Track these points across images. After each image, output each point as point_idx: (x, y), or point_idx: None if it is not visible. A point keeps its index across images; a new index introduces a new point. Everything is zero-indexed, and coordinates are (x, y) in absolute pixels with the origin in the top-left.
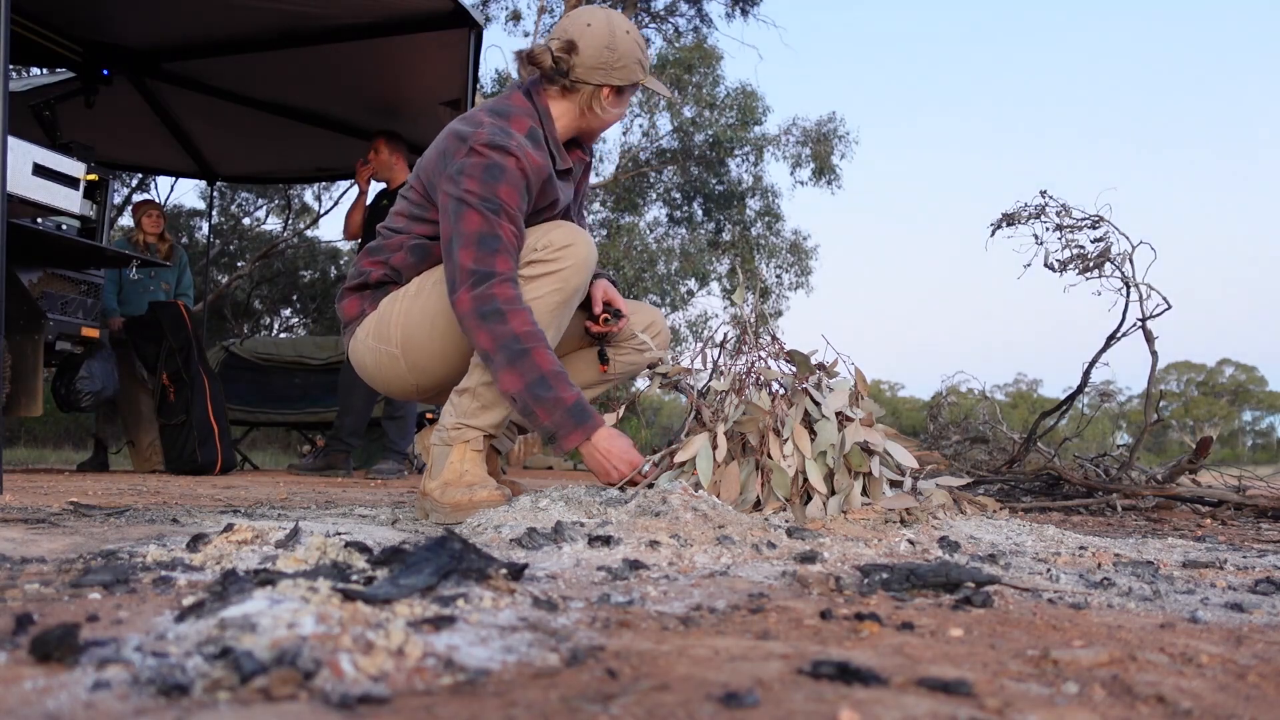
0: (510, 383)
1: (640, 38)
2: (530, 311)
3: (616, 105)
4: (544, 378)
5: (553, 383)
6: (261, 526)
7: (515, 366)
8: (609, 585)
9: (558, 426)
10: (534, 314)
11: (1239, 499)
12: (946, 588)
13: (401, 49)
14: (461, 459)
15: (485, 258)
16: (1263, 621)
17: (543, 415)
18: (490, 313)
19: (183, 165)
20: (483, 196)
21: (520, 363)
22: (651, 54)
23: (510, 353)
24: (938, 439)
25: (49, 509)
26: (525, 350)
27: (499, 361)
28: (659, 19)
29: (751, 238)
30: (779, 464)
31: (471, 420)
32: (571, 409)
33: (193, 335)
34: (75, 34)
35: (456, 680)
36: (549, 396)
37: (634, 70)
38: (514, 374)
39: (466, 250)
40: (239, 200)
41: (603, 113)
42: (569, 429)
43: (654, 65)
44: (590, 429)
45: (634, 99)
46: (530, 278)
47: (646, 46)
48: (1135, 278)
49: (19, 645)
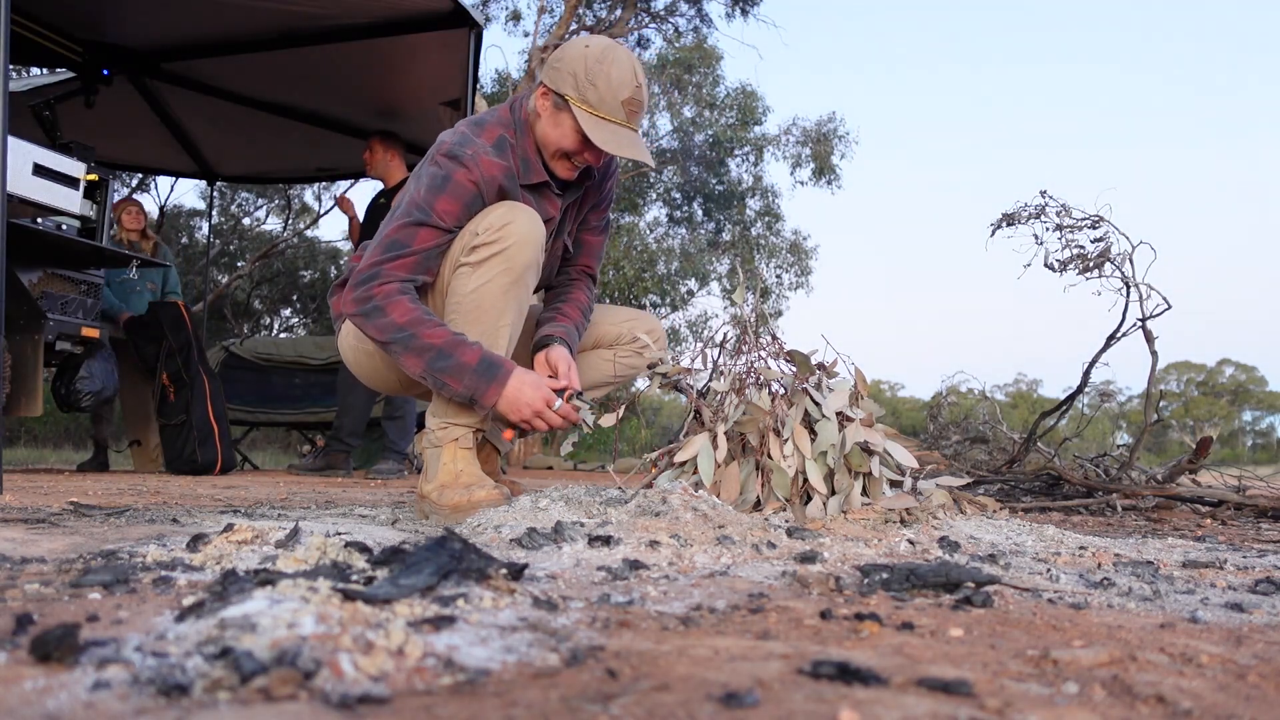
0: (413, 366)
1: (623, 77)
2: (411, 300)
3: (550, 118)
4: (439, 350)
5: (450, 351)
6: (261, 526)
7: (409, 350)
8: (609, 585)
9: (472, 389)
10: (487, 298)
11: (1239, 499)
12: (946, 588)
13: (401, 49)
14: (454, 459)
15: (382, 260)
16: (1263, 621)
17: (454, 383)
18: (371, 310)
19: (183, 165)
20: (419, 205)
21: (412, 345)
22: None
23: (400, 340)
24: (938, 439)
25: (49, 509)
26: (412, 335)
27: (396, 351)
28: (659, 19)
29: (751, 238)
30: (779, 464)
31: (455, 419)
32: (476, 368)
33: (193, 335)
34: (75, 34)
35: (456, 680)
36: (451, 365)
37: (564, 81)
38: (412, 357)
39: (374, 252)
40: (239, 200)
41: (534, 117)
42: (483, 387)
43: (653, 66)
44: (504, 379)
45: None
46: (476, 263)
47: (632, 93)
48: (1135, 278)
49: (19, 645)
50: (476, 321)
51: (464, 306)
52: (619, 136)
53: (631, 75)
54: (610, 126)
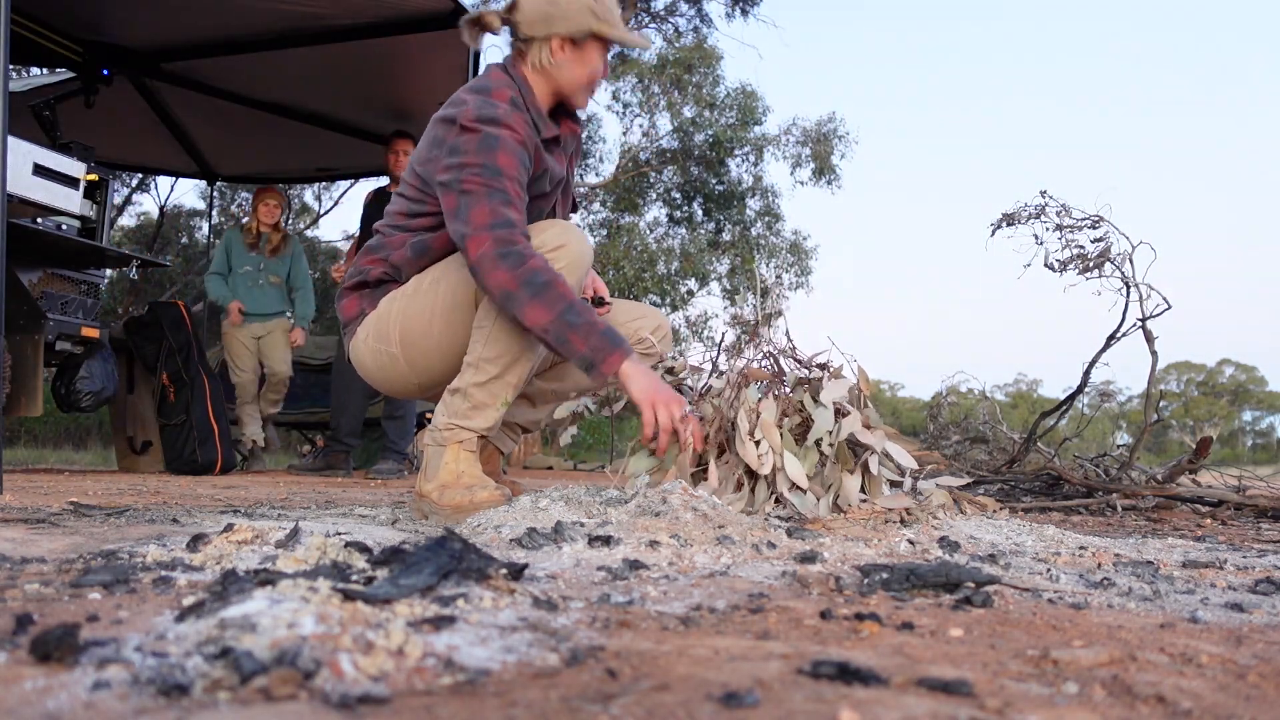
0: (538, 316)
1: None
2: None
3: (577, 60)
4: (573, 305)
5: (581, 310)
6: (261, 526)
7: (541, 299)
8: (609, 585)
9: (595, 351)
10: None
11: (1239, 499)
12: (946, 588)
13: (401, 49)
14: (456, 460)
15: (499, 209)
16: (1263, 621)
17: (578, 342)
18: (510, 254)
19: (183, 165)
20: (482, 165)
21: (546, 294)
22: (651, 54)
23: (534, 286)
24: (938, 439)
25: (49, 509)
26: (549, 282)
27: (522, 297)
28: (659, 19)
29: (751, 238)
30: (754, 464)
31: (464, 421)
32: (606, 332)
33: (193, 335)
34: (75, 34)
35: (456, 680)
36: (581, 322)
37: (582, 18)
38: (541, 306)
39: (480, 204)
40: (239, 200)
41: (557, 68)
42: (607, 350)
43: (653, 66)
44: (627, 350)
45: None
46: None
47: (617, 4)
48: (1135, 278)
49: (19, 645)
50: (511, 333)
51: (504, 315)
52: (639, 37)
53: None
54: (628, 33)
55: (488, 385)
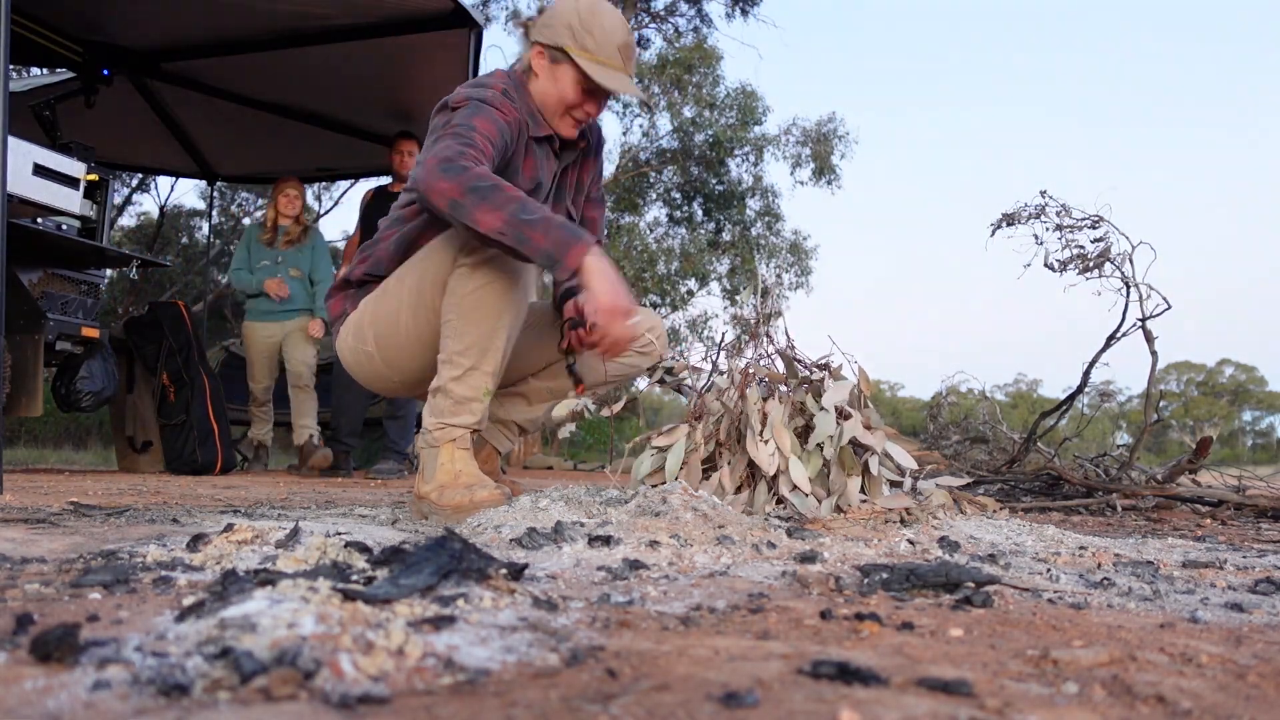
0: (490, 218)
1: (616, 23)
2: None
3: (549, 75)
4: (524, 203)
5: (535, 206)
6: (261, 526)
7: (489, 201)
8: (609, 585)
9: (556, 245)
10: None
11: (1239, 499)
12: (946, 588)
13: (401, 49)
14: (452, 459)
15: (460, 143)
16: (1263, 621)
17: (538, 238)
18: (451, 167)
19: (183, 165)
20: (459, 124)
21: (494, 196)
22: (651, 54)
23: (479, 192)
24: (938, 439)
25: (49, 509)
26: (495, 185)
27: (470, 202)
28: (659, 19)
29: (751, 238)
30: (761, 463)
31: (451, 419)
32: (564, 224)
33: (193, 335)
34: (75, 34)
35: (456, 680)
36: (537, 218)
37: (560, 33)
38: (489, 208)
39: (440, 141)
40: (239, 200)
41: (534, 78)
42: (570, 242)
43: (653, 66)
44: (589, 240)
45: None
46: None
47: (626, 38)
48: (1135, 278)
49: (19, 645)
50: (475, 322)
51: (463, 306)
52: (620, 79)
53: (623, 22)
54: (610, 70)
55: (464, 379)
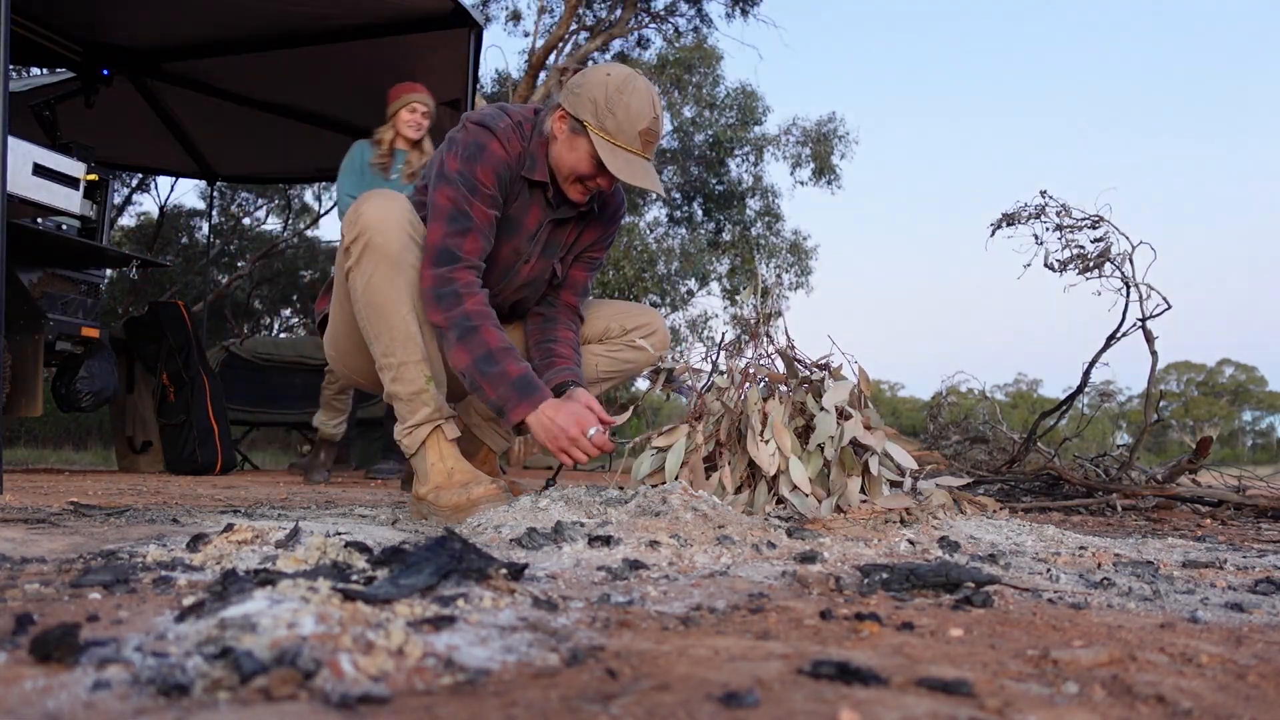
0: (459, 358)
1: (642, 108)
2: (486, 297)
3: (565, 142)
4: (491, 353)
5: (499, 358)
6: (261, 526)
7: (463, 343)
8: (609, 585)
9: (504, 400)
10: (378, 294)
11: (1239, 499)
12: (946, 588)
13: (402, 49)
14: (440, 457)
15: (453, 236)
16: (1263, 621)
17: (489, 389)
18: (446, 295)
19: (183, 165)
20: (461, 173)
21: (468, 339)
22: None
23: (460, 329)
24: (938, 439)
25: (49, 509)
26: (474, 327)
27: (450, 338)
28: (659, 19)
29: (751, 238)
30: (766, 464)
31: (413, 419)
32: (515, 382)
33: (193, 335)
34: (75, 34)
35: (456, 680)
36: (494, 371)
37: (583, 106)
38: (463, 350)
39: (438, 225)
40: (239, 200)
41: (551, 139)
42: (514, 402)
43: (653, 66)
44: (536, 401)
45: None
46: (353, 265)
47: (649, 124)
48: (1135, 278)
49: (19, 645)
50: (379, 319)
51: (364, 312)
52: (633, 165)
53: (650, 106)
54: (625, 155)
55: (400, 377)
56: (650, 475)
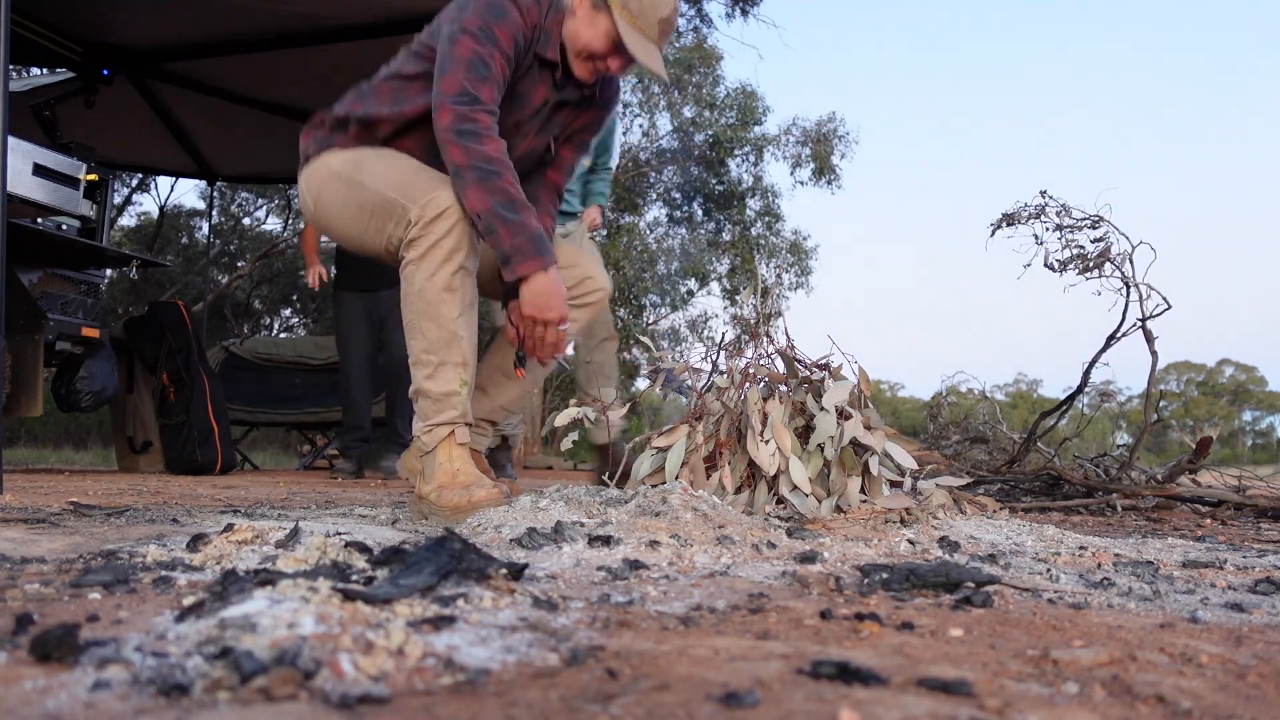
0: (477, 200)
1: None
2: (504, 145)
3: (585, 19)
4: (513, 202)
5: (520, 210)
6: (261, 526)
7: (484, 185)
8: (609, 585)
9: (516, 250)
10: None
11: (1239, 499)
12: (946, 588)
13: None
14: (449, 458)
15: (474, 82)
16: (1263, 621)
17: (505, 235)
18: (468, 132)
19: (183, 165)
20: (482, 28)
21: (489, 182)
22: None
23: (481, 172)
24: (938, 439)
25: (49, 509)
26: (496, 173)
27: (468, 178)
28: None
29: (751, 238)
30: (766, 464)
31: (437, 419)
32: (535, 236)
33: (193, 335)
34: (75, 34)
35: (456, 680)
36: (515, 220)
37: None
38: (481, 192)
39: (456, 71)
40: (239, 200)
41: (570, 14)
42: (528, 254)
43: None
44: (548, 262)
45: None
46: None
47: (669, 14)
48: (1135, 278)
49: (19, 645)
50: (432, 317)
51: (418, 304)
52: (648, 50)
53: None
54: (643, 39)
55: (436, 375)
56: (650, 475)
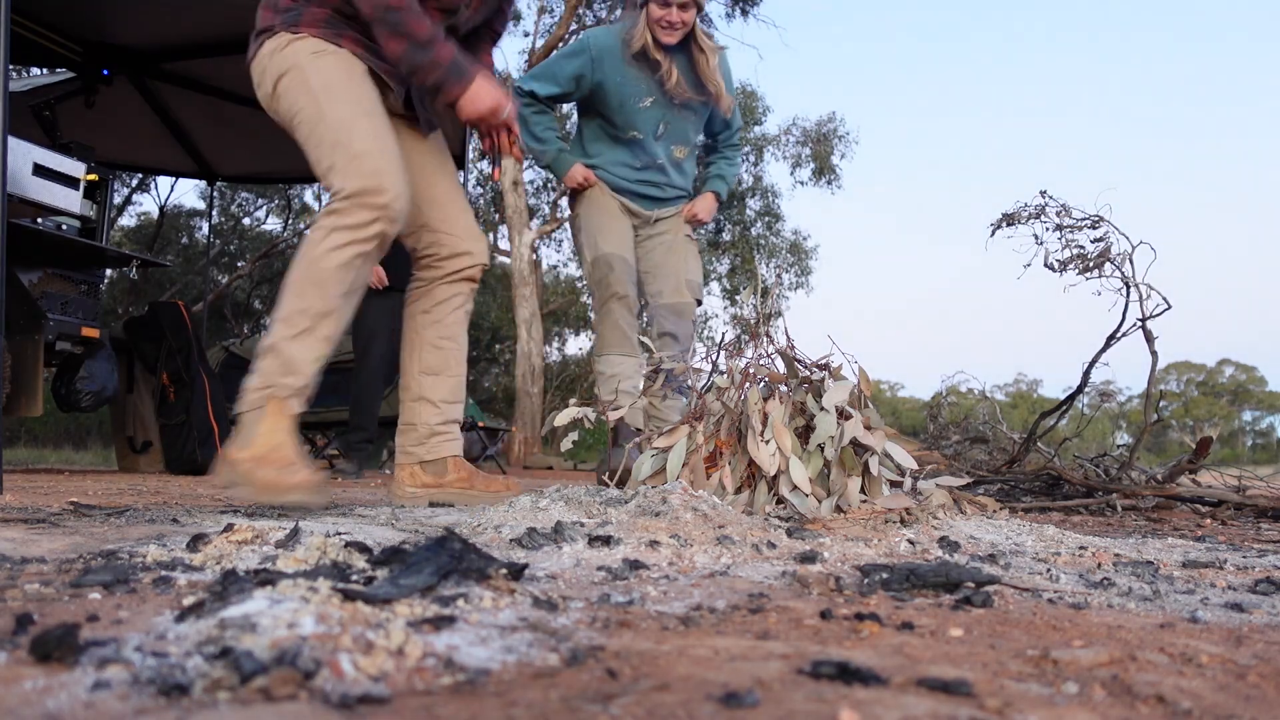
0: (394, 49)
1: None
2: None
3: None
4: (420, 43)
5: (429, 46)
6: (261, 526)
7: (394, 34)
8: (609, 585)
9: (438, 83)
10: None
11: (1239, 499)
12: (946, 588)
13: None
14: (275, 428)
15: None
16: (1263, 621)
17: (426, 74)
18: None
19: (183, 165)
20: None
21: (400, 28)
22: None
23: (388, 24)
24: (938, 439)
25: (49, 509)
26: (401, 20)
27: (380, 31)
28: None
29: (751, 238)
30: (766, 464)
31: (281, 379)
32: (449, 66)
33: (193, 335)
34: (75, 34)
35: (456, 680)
36: (428, 59)
37: None
38: (395, 40)
39: None
40: (239, 200)
41: None
42: (450, 83)
43: None
44: (467, 81)
45: None
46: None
47: None
48: (1135, 278)
49: (19, 645)
50: (319, 285)
51: (311, 268)
52: None
53: None
54: None
55: (300, 339)
56: (651, 476)
